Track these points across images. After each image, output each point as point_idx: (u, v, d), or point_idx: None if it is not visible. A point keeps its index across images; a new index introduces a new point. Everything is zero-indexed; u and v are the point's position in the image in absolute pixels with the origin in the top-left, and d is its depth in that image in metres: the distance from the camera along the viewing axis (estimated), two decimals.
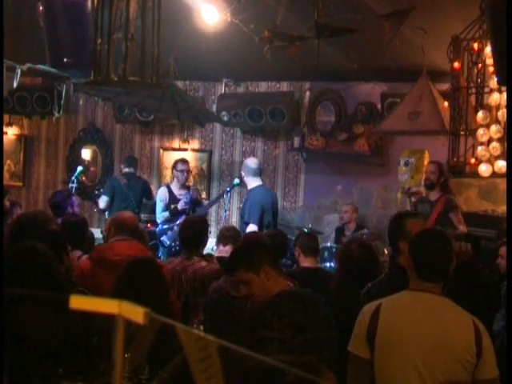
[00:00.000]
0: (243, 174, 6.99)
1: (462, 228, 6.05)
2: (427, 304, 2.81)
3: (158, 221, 7.56)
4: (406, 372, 2.72)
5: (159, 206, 7.60)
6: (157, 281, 3.29)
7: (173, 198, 7.56)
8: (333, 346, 3.07)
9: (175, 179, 7.74)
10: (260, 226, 6.53)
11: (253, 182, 6.90)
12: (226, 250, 5.09)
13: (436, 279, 2.84)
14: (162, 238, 7.41)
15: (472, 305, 2.99)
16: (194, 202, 7.67)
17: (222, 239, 5.15)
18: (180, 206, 7.43)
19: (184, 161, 7.87)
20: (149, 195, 8.37)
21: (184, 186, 7.74)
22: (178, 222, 7.15)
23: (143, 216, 8.18)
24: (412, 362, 2.71)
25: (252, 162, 6.97)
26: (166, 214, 7.47)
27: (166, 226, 7.40)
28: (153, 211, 8.07)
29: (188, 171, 7.81)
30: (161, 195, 7.65)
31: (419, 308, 2.81)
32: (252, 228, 6.50)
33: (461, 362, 2.69)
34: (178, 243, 6.70)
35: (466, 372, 2.69)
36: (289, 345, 2.93)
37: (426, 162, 6.80)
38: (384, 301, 2.87)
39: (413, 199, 6.73)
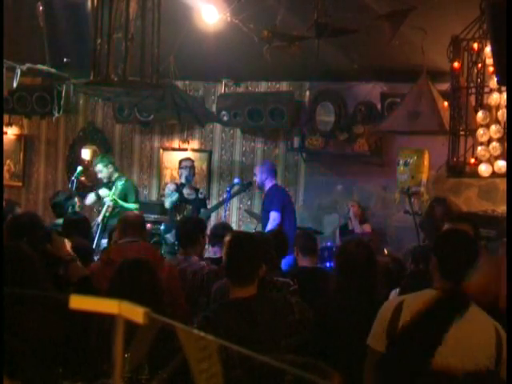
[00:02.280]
0: (264, 176, 7.40)
1: None
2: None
3: (167, 205, 7.79)
4: None
5: (168, 194, 7.83)
6: (149, 282, 3.25)
7: (181, 196, 7.78)
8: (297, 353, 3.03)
9: (182, 177, 7.90)
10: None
11: (270, 182, 7.40)
12: (213, 251, 5.09)
13: (459, 279, 2.87)
14: (165, 236, 7.46)
15: None
16: (200, 203, 7.78)
17: (211, 238, 5.14)
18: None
19: (188, 158, 8.14)
20: None
21: (192, 186, 7.95)
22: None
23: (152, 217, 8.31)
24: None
25: (271, 165, 7.65)
26: (175, 195, 7.71)
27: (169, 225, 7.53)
28: (159, 212, 8.19)
29: (193, 167, 7.95)
30: (170, 187, 7.93)
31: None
32: (274, 215, 7.02)
33: (479, 367, 2.70)
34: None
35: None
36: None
37: (426, 163, 6.79)
38: (407, 297, 2.92)
39: (413, 199, 6.71)
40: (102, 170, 7.71)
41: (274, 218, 7.01)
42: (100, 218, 7.28)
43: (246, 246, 3.20)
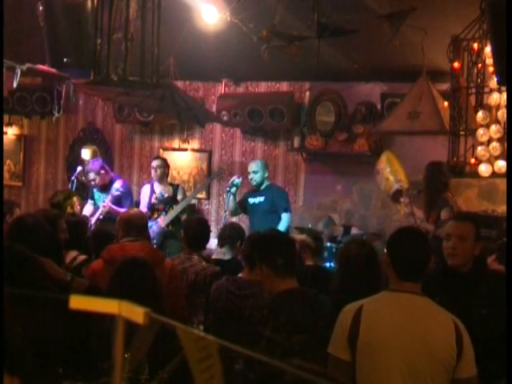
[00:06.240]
0: (266, 174, 7.55)
1: None
2: (408, 305, 2.81)
3: None
4: (389, 374, 2.72)
5: (142, 202, 7.84)
6: (147, 281, 3.24)
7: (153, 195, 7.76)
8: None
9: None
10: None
11: (267, 181, 7.61)
12: (222, 252, 5.10)
13: (415, 279, 2.84)
14: None
15: None
16: (166, 201, 7.67)
17: (219, 240, 5.15)
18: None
19: (157, 158, 8.12)
20: None
21: (167, 184, 7.85)
22: (158, 220, 7.42)
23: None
24: (394, 364, 2.71)
25: (266, 163, 7.85)
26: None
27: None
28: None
29: (160, 167, 7.80)
30: (143, 192, 7.95)
31: (400, 309, 2.81)
32: (287, 216, 7.26)
33: (442, 364, 2.70)
34: (155, 241, 6.98)
35: (446, 373, 2.70)
36: (283, 344, 2.95)
37: (396, 162, 6.65)
38: (365, 302, 2.86)
39: (407, 200, 6.63)
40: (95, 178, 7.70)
41: (287, 219, 7.21)
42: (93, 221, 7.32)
43: (286, 239, 3.47)
